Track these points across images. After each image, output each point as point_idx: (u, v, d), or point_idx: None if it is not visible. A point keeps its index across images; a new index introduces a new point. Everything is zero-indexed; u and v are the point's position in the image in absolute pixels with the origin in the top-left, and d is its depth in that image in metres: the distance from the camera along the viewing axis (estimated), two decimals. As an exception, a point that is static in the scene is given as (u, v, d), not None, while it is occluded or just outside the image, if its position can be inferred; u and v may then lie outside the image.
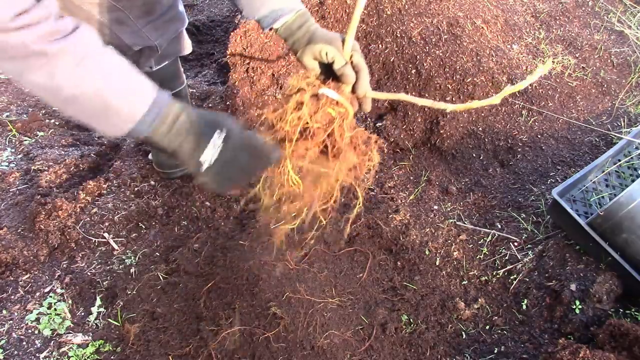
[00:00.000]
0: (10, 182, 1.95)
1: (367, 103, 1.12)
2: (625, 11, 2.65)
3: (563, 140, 2.08)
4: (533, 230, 1.76)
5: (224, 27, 2.96)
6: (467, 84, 2.08)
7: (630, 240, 1.46)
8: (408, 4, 2.24)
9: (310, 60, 1.10)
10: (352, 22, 1.01)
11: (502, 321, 1.57)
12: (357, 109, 1.10)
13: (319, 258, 1.70)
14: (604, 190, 1.80)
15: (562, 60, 2.29)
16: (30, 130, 2.23)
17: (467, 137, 2.10)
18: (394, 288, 1.67)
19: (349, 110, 1.05)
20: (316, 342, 1.45)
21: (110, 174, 1.97)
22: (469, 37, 2.18)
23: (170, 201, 1.91)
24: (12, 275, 1.67)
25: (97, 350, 1.50)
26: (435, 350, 1.50)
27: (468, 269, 1.71)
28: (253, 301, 1.53)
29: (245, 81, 2.23)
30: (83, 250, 1.76)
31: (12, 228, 1.75)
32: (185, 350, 1.45)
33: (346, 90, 1.07)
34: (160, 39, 1.47)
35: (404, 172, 2.08)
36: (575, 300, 1.48)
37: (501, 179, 2.00)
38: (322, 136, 1.04)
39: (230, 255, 1.65)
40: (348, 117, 1.05)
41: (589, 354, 1.23)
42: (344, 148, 1.06)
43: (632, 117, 2.16)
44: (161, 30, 1.46)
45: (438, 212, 1.90)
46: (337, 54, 1.05)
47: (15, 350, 1.49)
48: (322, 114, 1.02)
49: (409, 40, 2.18)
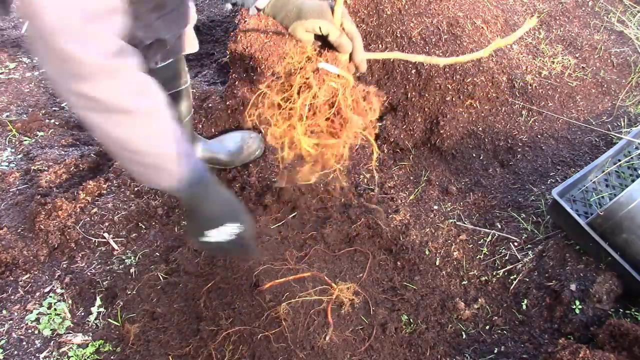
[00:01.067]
0: (10, 182, 1.95)
1: (363, 65, 1.14)
2: (625, 11, 2.65)
3: (563, 140, 2.08)
4: (533, 230, 1.75)
5: (224, 27, 2.96)
6: (467, 84, 2.08)
7: (630, 240, 1.46)
8: (408, 4, 2.24)
9: (303, 33, 1.09)
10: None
11: (502, 321, 1.57)
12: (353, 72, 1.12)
13: (319, 258, 1.70)
14: (604, 190, 1.80)
15: (562, 60, 2.29)
16: (30, 130, 2.23)
17: (467, 137, 2.10)
18: (394, 288, 1.67)
19: (349, 79, 1.07)
20: (316, 342, 1.45)
21: (110, 174, 1.97)
22: (469, 37, 2.18)
23: (170, 201, 1.91)
24: (12, 275, 1.67)
25: (97, 350, 1.50)
26: (435, 350, 1.50)
27: (468, 269, 1.71)
28: (253, 301, 1.53)
29: (245, 81, 2.23)
30: (83, 250, 1.76)
31: (12, 228, 1.75)
32: (185, 350, 1.45)
33: (343, 59, 1.09)
34: (169, 34, 1.47)
35: (404, 172, 2.08)
36: (575, 300, 1.48)
37: (501, 179, 2.00)
38: (328, 110, 1.06)
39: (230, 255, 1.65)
40: (349, 86, 1.07)
41: (589, 354, 1.23)
42: (350, 115, 1.08)
43: (632, 117, 2.16)
44: (171, 25, 1.47)
45: (438, 212, 1.90)
46: (330, 26, 1.05)
47: (15, 350, 1.49)
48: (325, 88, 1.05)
49: (409, 40, 2.18)
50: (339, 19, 1.07)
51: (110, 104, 0.85)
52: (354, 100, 1.09)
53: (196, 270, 1.64)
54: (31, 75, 2.63)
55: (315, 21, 1.06)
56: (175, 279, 1.63)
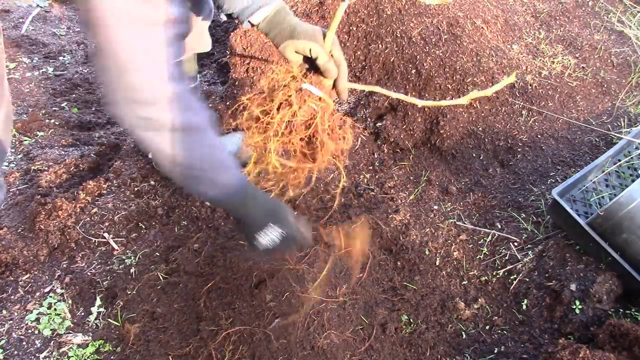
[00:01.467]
0: (10, 182, 1.95)
1: (345, 93, 1.19)
2: (625, 11, 2.65)
3: (563, 140, 2.08)
4: (533, 230, 1.75)
5: (224, 27, 2.96)
6: (467, 84, 2.08)
7: (630, 240, 1.46)
8: (408, 4, 2.24)
9: (292, 54, 1.14)
10: (334, 19, 1.07)
11: (502, 321, 1.57)
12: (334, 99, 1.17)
13: (319, 258, 1.70)
14: (604, 190, 1.80)
15: (562, 60, 2.29)
16: (30, 130, 2.23)
17: (467, 137, 2.10)
18: (394, 288, 1.67)
19: (329, 104, 1.12)
20: (316, 342, 1.45)
21: (110, 174, 1.97)
22: (469, 37, 2.18)
23: (170, 201, 1.91)
24: (12, 275, 1.67)
25: (97, 350, 1.50)
26: (435, 350, 1.50)
27: (468, 269, 1.71)
28: (253, 301, 1.53)
29: (245, 81, 2.23)
30: (83, 250, 1.76)
31: (12, 228, 1.75)
32: (185, 350, 1.45)
33: (327, 84, 1.14)
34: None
35: (404, 172, 2.08)
36: (575, 300, 1.48)
37: (501, 179, 2.00)
38: (304, 130, 1.10)
39: (230, 255, 1.65)
40: (328, 110, 1.12)
41: (589, 354, 1.23)
42: (325, 139, 1.12)
43: (632, 117, 2.16)
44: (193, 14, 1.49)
45: (438, 212, 1.90)
46: (320, 50, 1.10)
47: (15, 350, 1.49)
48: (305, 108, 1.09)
49: (409, 40, 2.18)
50: (329, 45, 1.11)
51: (169, 124, 0.94)
52: (330, 126, 1.13)
53: (196, 270, 1.64)
54: (31, 75, 2.63)
55: (307, 42, 1.10)
56: (175, 279, 1.63)
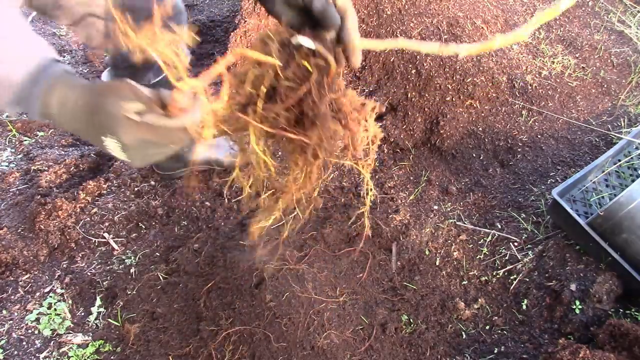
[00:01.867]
0: (10, 182, 1.95)
1: (356, 55, 0.85)
2: (625, 11, 2.65)
3: (563, 140, 2.08)
4: (533, 230, 1.75)
5: (224, 27, 2.96)
6: (467, 84, 2.08)
7: (630, 240, 1.46)
8: (408, 4, 2.24)
9: (281, 6, 0.86)
10: None
11: (502, 321, 1.57)
12: (343, 63, 0.85)
13: (319, 258, 1.70)
14: (604, 190, 1.80)
15: (562, 60, 2.29)
16: (30, 130, 2.23)
17: (467, 137, 2.10)
18: (394, 288, 1.67)
19: (330, 62, 0.81)
20: (316, 342, 1.45)
21: (110, 174, 1.97)
22: (469, 37, 2.18)
23: (170, 201, 1.91)
24: (12, 275, 1.67)
25: (97, 350, 1.50)
26: (435, 350, 1.50)
27: (468, 269, 1.71)
28: (253, 301, 1.53)
29: (245, 81, 2.22)
30: (83, 250, 1.76)
31: (12, 228, 1.75)
32: (185, 350, 1.45)
33: (327, 37, 0.83)
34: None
35: (404, 172, 2.08)
36: (575, 300, 1.48)
37: (501, 179, 2.00)
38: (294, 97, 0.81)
39: (230, 255, 1.65)
40: (330, 73, 0.82)
41: (589, 354, 1.23)
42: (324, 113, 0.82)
43: (632, 117, 2.16)
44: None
45: (438, 212, 1.90)
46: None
47: (15, 350, 1.49)
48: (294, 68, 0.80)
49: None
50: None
51: None
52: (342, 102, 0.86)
53: (196, 270, 1.64)
54: (31, 75, 2.62)
55: None
56: (175, 279, 1.63)
